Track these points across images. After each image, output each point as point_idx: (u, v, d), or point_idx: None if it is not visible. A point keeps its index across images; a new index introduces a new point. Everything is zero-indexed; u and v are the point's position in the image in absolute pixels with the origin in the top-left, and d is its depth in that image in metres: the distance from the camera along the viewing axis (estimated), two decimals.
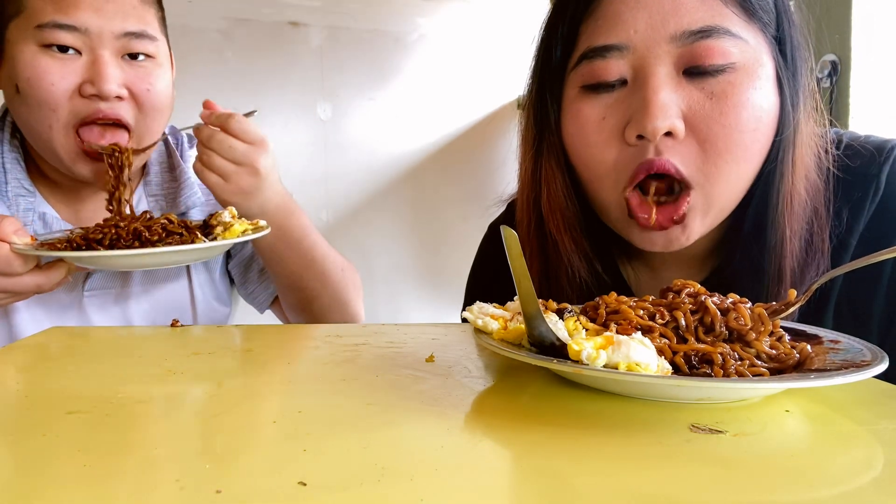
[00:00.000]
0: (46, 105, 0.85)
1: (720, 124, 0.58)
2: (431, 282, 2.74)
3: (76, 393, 0.48)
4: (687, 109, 0.59)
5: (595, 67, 0.61)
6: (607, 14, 0.61)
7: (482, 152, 2.72)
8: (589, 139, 0.63)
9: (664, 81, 0.59)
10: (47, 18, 0.83)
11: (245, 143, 0.87)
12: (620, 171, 0.62)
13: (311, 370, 0.55)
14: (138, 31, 0.88)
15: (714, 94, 0.58)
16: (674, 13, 0.58)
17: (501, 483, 0.35)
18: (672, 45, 0.59)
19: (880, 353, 0.47)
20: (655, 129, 0.58)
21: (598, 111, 0.62)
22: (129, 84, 0.88)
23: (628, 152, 0.61)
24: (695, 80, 0.59)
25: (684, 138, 0.59)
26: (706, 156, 0.59)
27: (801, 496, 0.33)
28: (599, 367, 0.44)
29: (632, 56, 0.60)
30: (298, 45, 2.46)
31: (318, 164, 2.52)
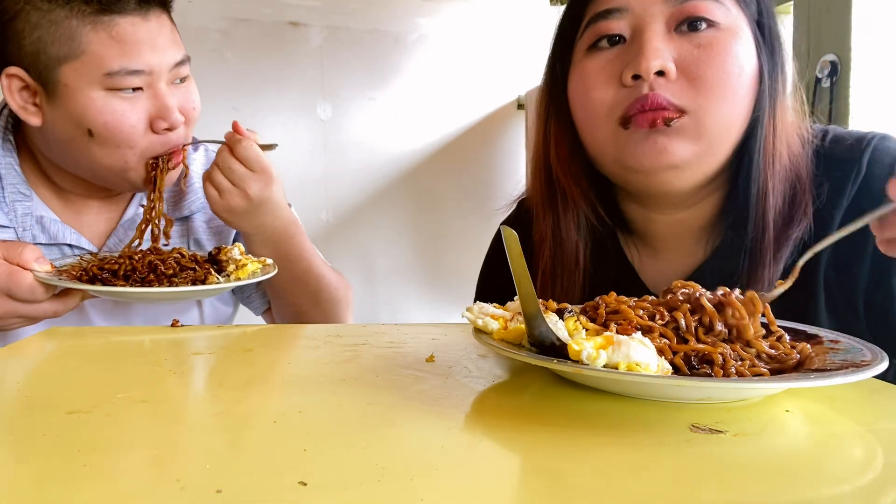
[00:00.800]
0: (126, 145, 0.87)
1: (707, 65, 0.67)
2: (431, 282, 2.74)
3: (76, 393, 0.48)
4: (678, 57, 0.67)
5: (599, 27, 0.71)
6: None
7: (482, 152, 2.73)
8: (591, 85, 0.71)
9: (657, 33, 0.68)
10: (117, 66, 0.83)
11: (246, 168, 0.89)
12: (616, 108, 0.70)
13: (311, 370, 0.55)
14: (183, 58, 0.91)
15: (701, 45, 0.67)
16: None
17: (501, 483, 0.35)
18: (665, 5, 0.68)
19: (880, 353, 0.47)
20: (649, 67, 0.66)
21: (600, 63, 0.71)
22: (181, 107, 0.91)
23: (624, 92, 0.69)
24: (684, 35, 0.68)
25: (676, 78, 0.67)
26: (696, 90, 0.67)
27: (801, 496, 0.33)
28: (599, 367, 0.44)
29: (630, 16, 0.69)
30: (298, 45, 2.46)
31: (318, 164, 2.52)
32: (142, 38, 0.85)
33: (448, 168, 2.69)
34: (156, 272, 0.81)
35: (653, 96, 0.66)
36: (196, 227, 1.04)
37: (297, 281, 1.01)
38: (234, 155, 0.89)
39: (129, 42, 0.84)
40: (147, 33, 0.85)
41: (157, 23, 0.87)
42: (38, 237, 0.95)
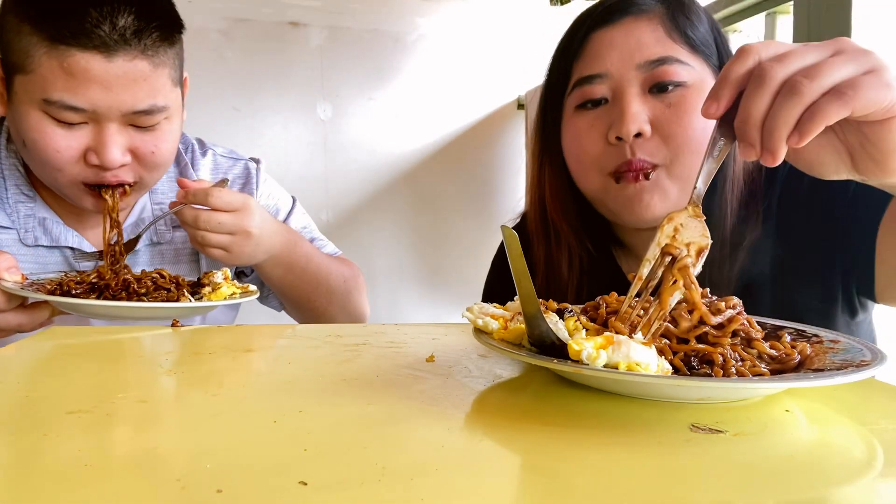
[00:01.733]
0: (50, 166, 0.86)
1: (677, 124, 0.78)
2: (431, 282, 2.74)
3: (76, 393, 0.48)
4: (652, 116, 0.78)
5: (584, 91, 0.82)
6: (591, 53, 0.82)
7: (482, 152, 2.72)
8: (582, 141, 0.83)
9: (634, 97, 0.79)
10: (56, 96, 0.81)
11: (231, 212, 0.89)
12: (604, 163, 0.81)
13: (311, 370, 0.55)
14: (147, 108, 0.86)
15: (671, 104, 0.78)
16: (638, 49, 0.79)
17: (501, 483, 0.35)
18: (638, 71, 0.79)
19: (880, 353, 0.47)
20: (629, 131, 0.77)
21: (588, 122, 0.82)
22: (134, 148, 0.88)
23: (610, 149, 0.80)
24: (657, 96, 0.79)
25: (651, 137, 0.78)
26: (668, 147, 0.78)
27: (801, 496, 0.33)
28: (599, 367, 0.44)
29: (610, 81, 0.80)
30: (298, 45, 2.46)
31: (318, 164, 2.52)
32: (93, 77, 0.81)
33: (448, 168, 2.69)
34: (128, 290, 0.80)
35: (636, 162, 0.78)
36: None
37: (308, 284, 1.02)
38: (212, 208, 0.88)
39: (78, 77, 0.81)
40: (103, 73, 0.81)
41: (125, 66, 0.82)
42: (39, 239, 0.94)
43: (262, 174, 1.14)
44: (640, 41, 0.79)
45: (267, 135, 2.43)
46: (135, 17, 0.83)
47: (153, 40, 0.85)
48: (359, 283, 1.13)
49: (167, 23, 0.89)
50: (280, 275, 1.00)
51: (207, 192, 0.88)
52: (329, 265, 1.06)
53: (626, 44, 0.79)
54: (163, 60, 0.88)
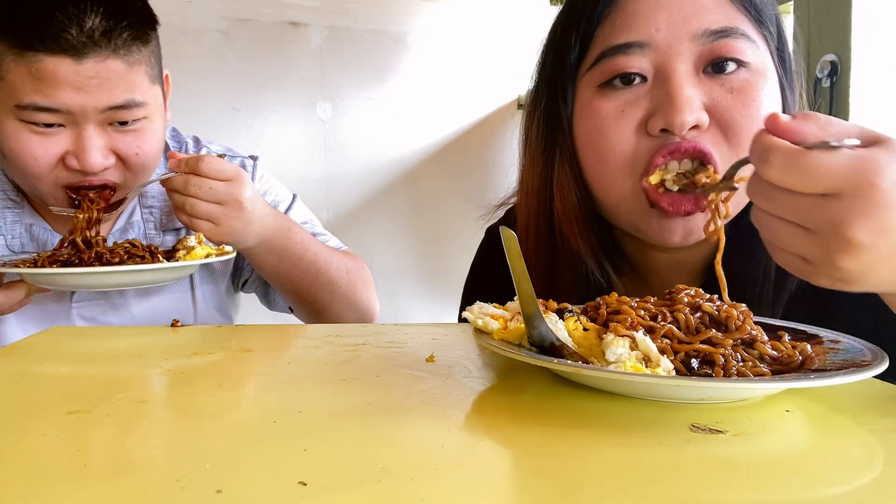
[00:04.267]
0: (31, 174, 0.85)
1: (742, 115, 0.60)
2: (431, 282, 2.74)
3: (76, 393, 0.48)
4: (710, 102, 0.61)
5: (615, 63, 0.62)
6: (626, 13, 0.62)
7: (482, 152, 2.72)
8: (607, 132, 0.63)
9: (687, 77, 0.60)
10: (27, 100, 0.80)
11: (222, 181, 0.85)
12: (638, 161, 0.62)
13: (311, 370, 0.55)
14: (124, 102, 0.84)
15: (734, 89, 0.61)
16: (694, 14, 0.60)
17: (501, 483, 0.35)
18: (693, 43, 0.61)
19: (880, 353, 0.47)
20: (684, 123, 0.59)
21: (617, 105, 0.63)
22: (116, 149, 0.87)
23: (648, 143, 0.62)
24: (714, 77, 0.61)
25: (707, 129, 0.61)
26: (729, 143, 0.61)
27: (801, 496, 0.33)
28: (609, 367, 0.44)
29: (653, 53, 0.61)
30: (298, 45, 2.46)
31: (318, 164, 2.52)
32: (64, 79, 0.80)
33: (448, 168, 2.69)
34: (101, 261, 0.82)
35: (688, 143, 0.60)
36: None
37: (307, 275, 0.98)
38: (204, 174, 0.84)
39: (47, 80, 0.79)
40: (73, 75, 0.80)
41: (96, 67, 0.81)
42: (26, 245, 0.94)
43: (258, 170, 1.12)
44: (698, 4, 0.61)
45: (267, 135, 2.43)
46: (103, 18, 0.80)
47: (124, 40, 0.83)
48: (364, 276, 1.09)
49: (138, 21, 0.86)
50: (274, 263, 0.95)
51: (199, 158, 0.85)
52: (328, 255, 1.02)
53: (679, 4, 0.61)
54: (137, 59, 0.85)
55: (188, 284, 1.03)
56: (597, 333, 0.51)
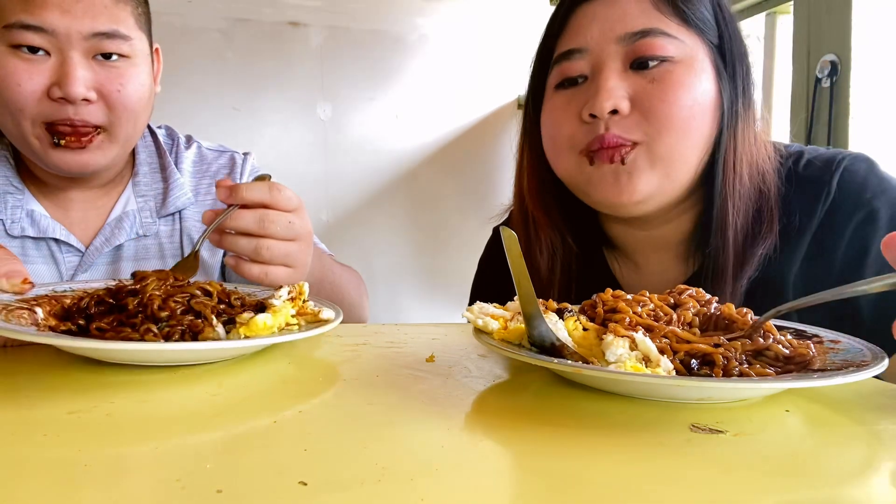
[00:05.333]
0: (14, 105, 0.84)
1: (660, 100, 0.71)
2: (431, 282, 2.74)
3: (76, 393, 0.48)
4: (633, 93, 0.72)
5: (563, 68, 0.76)
6: (572, 28, 0.76)
7: (482, 152, 2.73)
8: (555, 120, 0.77)
9: (613, 72, 0.72)
10: (14, 18, 0.81)
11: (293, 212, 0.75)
12: (576, 142, 0.75)
13: (311, 370, 0.55)
14: (109, 30, 0.85)
15: (655, 79, 0.71)
16: (619, 20, 0.72)
17: (501, 483, 0.35)
18: (619, 45, 0.72)
19: (880, 353, 0.47)
20: (603, 108, 0.71)
21: (565, 100, 0.76)
22: (99, 85, 0.86)
23: (584, 128, 0.74)
24: (639, 72, 0.72)
25: (629, 114, 0.71)
26: (648, 123, 0.71)
27: (801, 496, 0.33)
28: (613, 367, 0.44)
29: (589, 56, 0.74)
30: (298, 45, 2.46)
31: (318, 164, 2.52)
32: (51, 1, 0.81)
33: (448, 168, 2.69)
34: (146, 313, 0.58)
35: (609, 136, 0.71)
36: (189, 225, 1.03)
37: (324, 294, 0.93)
38: (279, 207, 0.73)
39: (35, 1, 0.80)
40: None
41: None
42: (26, 230, 0.94)
43: (249, 165, 1.11)
44: (624, 12, 0.72)
45: (267, 135, 2.43)
46: None
47: None
48: (364, 289, 1.10)
49: None
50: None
51: (271, 186, 0.72)
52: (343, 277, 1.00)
53: (608, 16, 0.73)
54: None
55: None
56: (597, 333, 0.51)
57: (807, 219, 0.74)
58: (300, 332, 0.58)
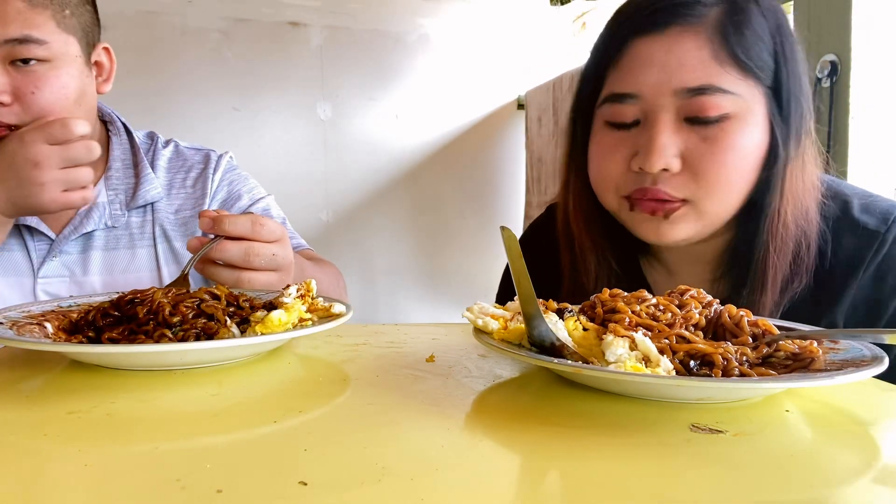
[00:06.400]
0: None
1: (712, 162, 0.69)
2: (431, 282, 2.74)
3: (76, 393, 0.48)
4: (685, 149, 0.70)
5: (615, 110, 0.74)
6: (625, 66, 0.73)
7: (482, 152, 2.73)
8: (604, 160, 0.76)
9: (666, 126, 0.70)
10: None
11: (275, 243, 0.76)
12: (621, 186, 0.75)
13: (311, 370, 0.55)
14: (20, 36, 0.86)
15: (708, 138, 0.69)
16: (677, 71, 0.69)
17: (501, 483, 0.35)
18: (675, 97, 0.70)
19: (880, 353, 0.47)
20: (654, 166, 0.70)
21: (614, 142, 0.75)
22: (14, 89, 0.88)
23: (631, 176, 0.74)
24: (693, 126, 0.70)
25: (679, 172, 0.71)
26: (697, 184, 0.71)
27: (801, 496, 0.33)
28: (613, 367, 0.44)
29: (643, 103, 0.72)
30: (298, 45, 2.46)
31: (318, 164, 2.52)
32: None
33: (448, 168, 2.69)
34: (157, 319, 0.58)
35: (653, 190, 0.71)
36: (162, 217, 1.06)
37: None
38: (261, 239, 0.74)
39: None
40: None
41: None
42: None
43: (223, 162, 1.13)
44: (681, 61, 0.69)
45: (267, 135, 2.43)
46: None
47: None
48: (342, 285, 1.11)
49: None
50: None
51: (253, 220, 0.73)
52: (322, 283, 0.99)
53: (666, 63, 0.69)
54: (42, 2, 0.88)
55: (154, 263, 1.05)
56: (597, 333, 0.51)
57: (853, 268, 0.73)
58: (315, 326, 0.59)
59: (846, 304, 0.75)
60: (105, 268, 1.02)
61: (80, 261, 1.01)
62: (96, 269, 1.01)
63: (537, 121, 2.53)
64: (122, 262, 1.03)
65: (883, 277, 0.73)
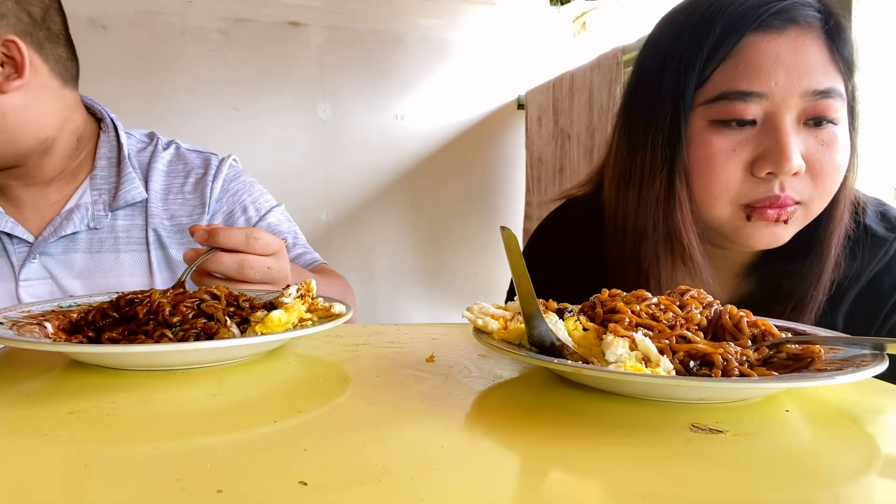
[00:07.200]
0: None
1: (831, 166, 0.70)
2: (431, 282, 2.74)
3: (76, 393, 0.48)
4: (805, 152, 0.69)
5: (734, 107, 0.69)
6: (749, 62, 0.69)
7: (482, 152, 2.73)
8: (717, 166, 0.71)
9: (792, 129, 0.69)
10: None
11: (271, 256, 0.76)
12: (741, 195, 0.71)
13: (311, 370, 0.55)
14: None
15: (824, 142, 0.70)
16: (806, 73, 0.68)
17: (501, 483, 0.35)
18: (801, 99, 0.69)
19: (880, 354, 0.47)
20: (790, 169, 0.68)
21: (729, 144, 0.70)
22: None
23: (753, 182, 0.71)
24: (811, 129, 0.70)
25: (802, 175, 0.70)
26: (815, 188, 0.71)
27: (801, 496, 0.33)
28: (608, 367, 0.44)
29: (767, 103, 0.69)
30: (298, 45, 2.46)
31: (318, 164, 2.52)
32: None
33: (448, 168, 2.69)
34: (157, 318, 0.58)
35: (784, 198, 0.69)
36: (157, 222, 1.04)
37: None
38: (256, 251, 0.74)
39: None
40: None
41: None
42: None
43: (225, 168, 1.10)
44: (808, 63, 0.68)
45: (267, 135, 2.43)
46: None
47: None
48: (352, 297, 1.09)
49: None
50: None
51: (248, 234, 0.73)
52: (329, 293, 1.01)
53: (795, 64, 0.68)
54: None
55: (141, 268, 1.03)
56: (597, 333, 0.51)
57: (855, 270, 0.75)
58: (315, 326, 0.58)
59: (846, 307, 0.76)
60: (87, 271, 1.00)
61: (60, 263, 0.99)
62: (77, 271, 1.00)
63: (537, 121, 2.53)
64: (106, 266, 1.01)
65: (882, 283, 0.75)
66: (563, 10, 2.67)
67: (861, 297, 0.75)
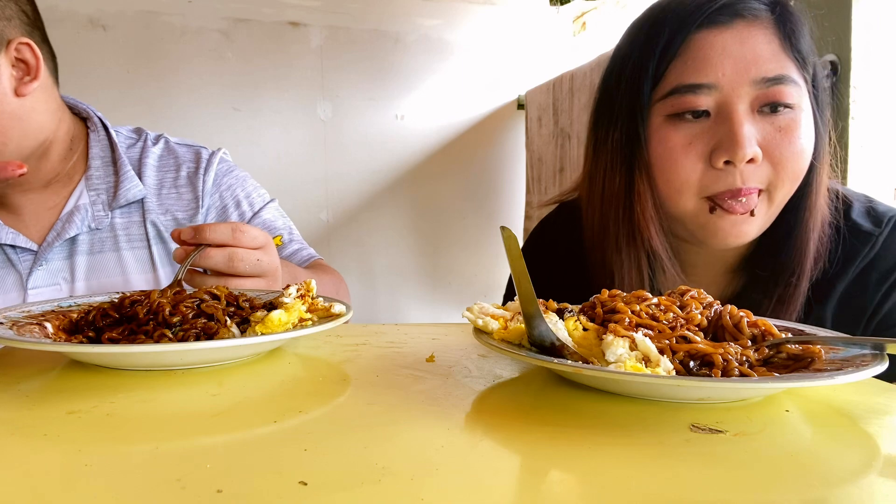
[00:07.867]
0: None
1: (788, 150, 0.70)
2: (431, 282, 2.74)
3: (76, 393, 0.48)
4: (762, 140, 0.70)
5: (686, 100, 0.72)
6: (697, 57, 0.72)
7: (482, 152, 2.73)
8: (676, 160, 0.73)
9: (745, 116, 0.70)
10: None
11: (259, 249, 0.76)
12: (703, 188, 0.73)
13: (311, 370, 0.55)
14: None
15: (781, 128, 0.70)
16: (754, 62, 0.70)
17: (501, 483, 0.35)
18: (752, 87, 0.70)
19: (880, 353, 0.47)
20: (744, 156, 0.69)
21: (685, 137, 0.72)
22: None
23: (713, 174, 0.72)
24: (766, 116, 0.71)
25: (760, 162, 0.70)
26: (776, 174, 0.71)
27: (801, 496, 0.33)
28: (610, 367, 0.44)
29: (718, 94, 0.71)
30: (298, 45, 2.46)
31: (318, 164, 2.52)
32: None
33: (448, 168, 2.69)
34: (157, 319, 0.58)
35: (746, 190, 0.70)
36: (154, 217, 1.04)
37: None
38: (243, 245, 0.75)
39: None
40: None
41: None
42: None
43: (215, 162, 1.10)
44: (755, 52, 0.70)
45: (267, 135, 2.43)
46: None
47: None
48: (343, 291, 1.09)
49: None
50: None
51: (235, 227, 0.73)
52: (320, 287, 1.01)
53: (742, 55, 0.70)
54: None
55: (144, 265, 1.03)
56: (597, 333, 0.51)
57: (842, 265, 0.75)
58: (315, 326, 0.58)
59: (834, 302, 0.76)
60: (92, 272, 1.00)
61: (65, 267, 0.99)
62: (82, 274, 0.99)
63: (537, 121, 2.53)
64: (109, 265, 1.01)
65: (869, 277, 0.75)
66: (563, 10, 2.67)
67: (848, 291, 0.76)
